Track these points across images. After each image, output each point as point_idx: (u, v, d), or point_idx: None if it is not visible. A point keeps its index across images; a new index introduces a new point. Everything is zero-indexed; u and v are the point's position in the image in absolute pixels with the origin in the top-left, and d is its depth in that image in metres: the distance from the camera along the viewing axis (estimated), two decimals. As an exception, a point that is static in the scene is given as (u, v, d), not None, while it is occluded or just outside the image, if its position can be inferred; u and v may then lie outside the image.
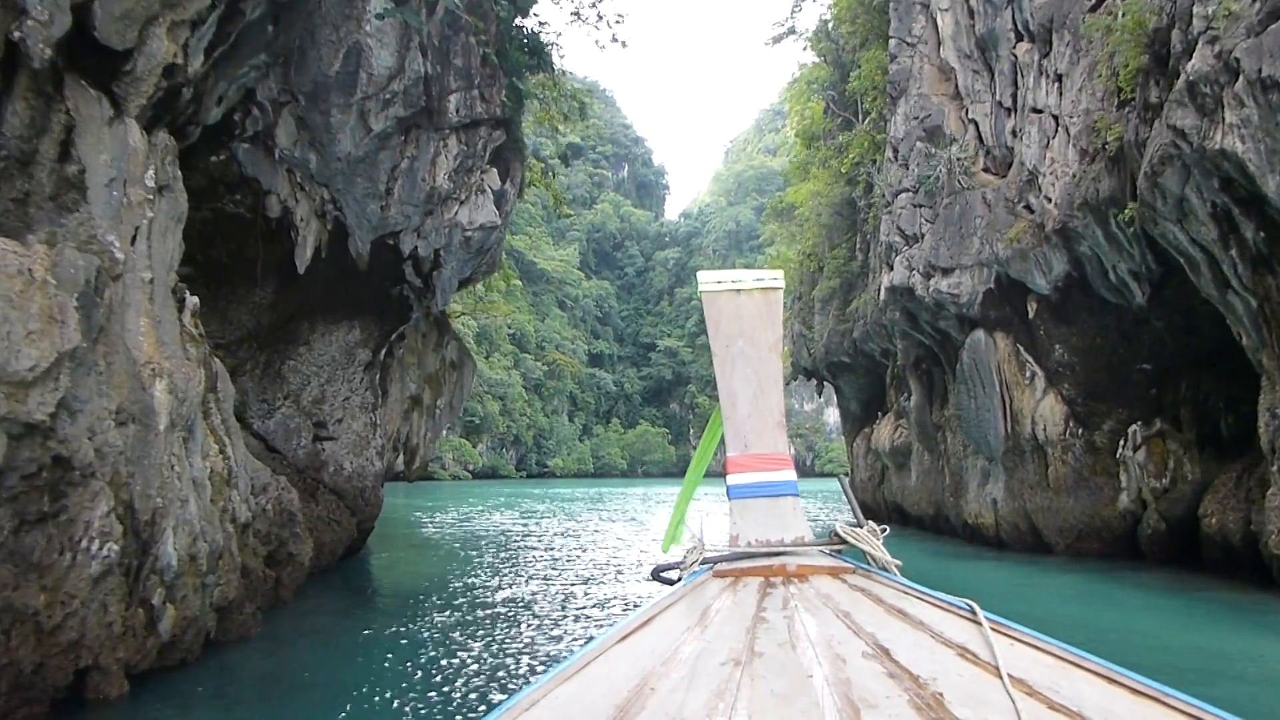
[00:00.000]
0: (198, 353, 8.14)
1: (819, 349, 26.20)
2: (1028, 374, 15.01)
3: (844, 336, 24.25)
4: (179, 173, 7.58)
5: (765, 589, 1.99)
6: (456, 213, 12.18)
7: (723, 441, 2.62)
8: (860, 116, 22.86)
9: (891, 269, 17.42)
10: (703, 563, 2.21)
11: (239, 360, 12.34)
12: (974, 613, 1.64)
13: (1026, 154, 14.69)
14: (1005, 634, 1.54)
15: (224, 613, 7.45)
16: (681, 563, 2.27)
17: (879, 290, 19.20)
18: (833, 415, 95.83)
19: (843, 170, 23.17)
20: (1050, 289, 14.29)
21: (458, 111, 11.47)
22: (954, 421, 17.43)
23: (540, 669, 7.00)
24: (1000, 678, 1.33)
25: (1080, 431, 14.32)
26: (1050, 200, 13.83)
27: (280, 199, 10.98)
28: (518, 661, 7.23)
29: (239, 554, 7.91)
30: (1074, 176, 13.29)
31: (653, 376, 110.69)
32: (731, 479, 2.41)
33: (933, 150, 16.50)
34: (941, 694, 1.29)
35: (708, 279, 2.76)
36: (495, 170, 12.84)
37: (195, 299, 8.66)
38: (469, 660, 7.30)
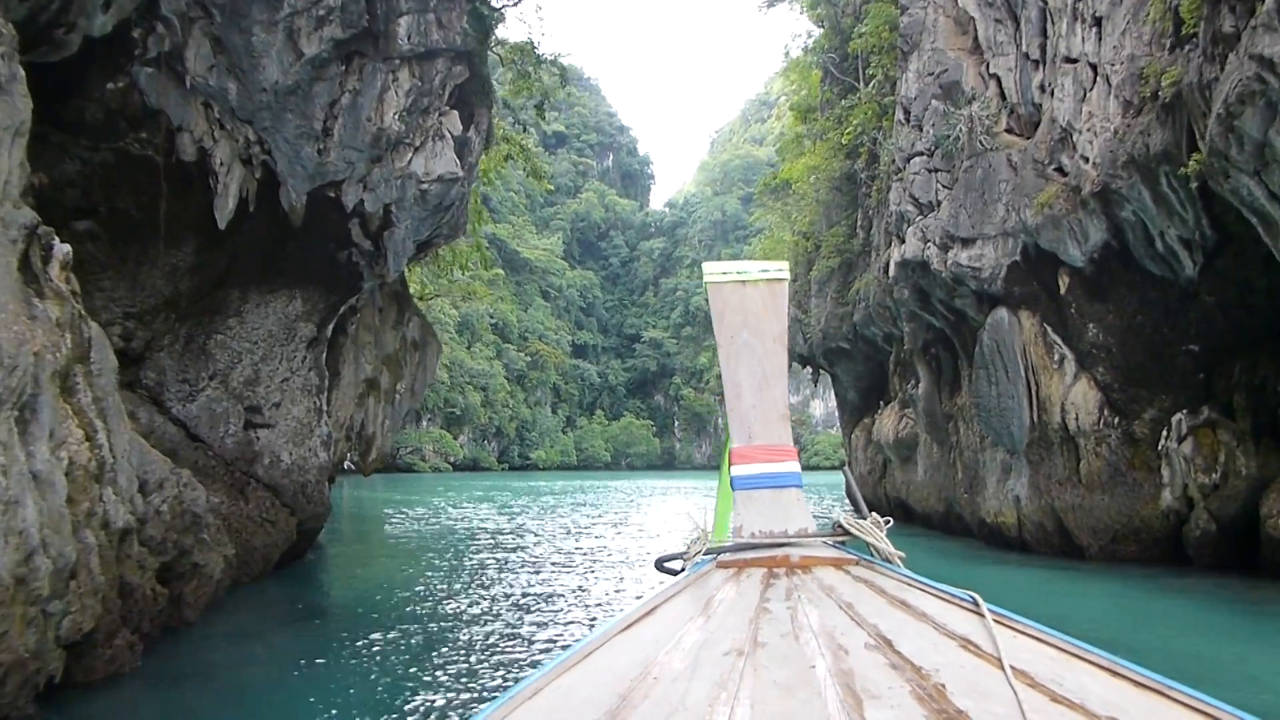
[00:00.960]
0: (61, 313, 6.40)
1: (815, 334, 24.59)
2: (1056, 357, 13.47)
3: (843, 320, 22.66)
4: (19, 71, 5.79)
5: (768, 580, 1.95)
6: (410, 161, 10.36)
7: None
8: (863, 81, 21.19)
9: (903, 241, 15.80)
10: (706, 553, 2.20)
11: (154, 333, 10.53)
12: (977, 604, 1.59)
13: (1059, 109, 13.09)
14: (1008, 626, 1.50)
15: (79, 647, 5.72)
16: (685, 553, 2.24)
17: (885, 267, 17.59)
18: (819, 407, 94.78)
19: (843, 141, 21.55)
20: (1085, 260, 12.74)
21: (409, 38, 9.65)
22: (969, 410, 15.88)
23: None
24: (1003, 669, 1.28)
25: (1117, 421, 12.80)
26: (1088, 160, 12.26)
27: (195, 138, 9.19)
28: (472, 694, 5.55)
29: (108, 569, 6.16)
30: (1116, 131, 11.72)
31: (637, 368, 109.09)
32: (735, 470, 2.40)
33: (950, 109, 14.88)
34: (944, 685, 1.25)
35: (713, 270, 2.73)
36: (456, 114, 11.02)
37: (67, 247, 6.93)
38: (411, 700, 5.62)
